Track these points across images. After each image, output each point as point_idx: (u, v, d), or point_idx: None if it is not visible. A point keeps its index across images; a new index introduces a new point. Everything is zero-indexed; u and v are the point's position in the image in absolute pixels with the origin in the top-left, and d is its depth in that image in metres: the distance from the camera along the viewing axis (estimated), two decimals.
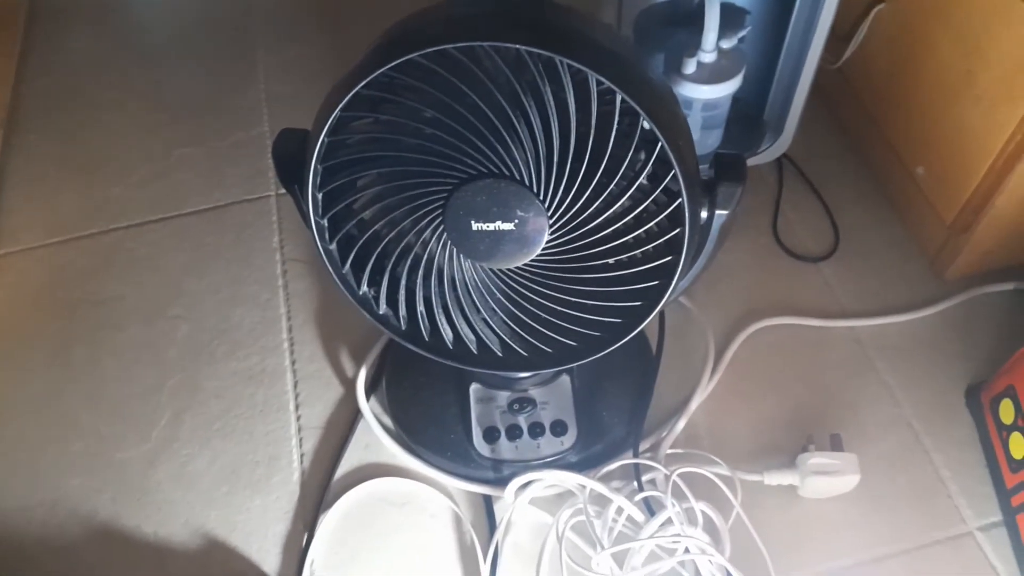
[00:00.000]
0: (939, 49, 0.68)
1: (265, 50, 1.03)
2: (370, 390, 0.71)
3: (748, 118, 0.73)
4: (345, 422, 0.70)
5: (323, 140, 0.44)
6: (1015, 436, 0.61)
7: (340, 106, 0.42)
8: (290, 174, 0.48)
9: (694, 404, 0.69)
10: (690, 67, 0.65)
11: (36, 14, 1.10)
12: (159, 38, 1.08)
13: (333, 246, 0.50)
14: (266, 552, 0.64)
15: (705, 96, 0.66)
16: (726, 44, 0.65)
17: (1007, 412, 0.63)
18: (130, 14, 1.12)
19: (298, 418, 0.71)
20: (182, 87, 1.00)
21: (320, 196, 0.47)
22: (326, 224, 0.49)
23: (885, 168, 0.80)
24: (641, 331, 0.52)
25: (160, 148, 0.93)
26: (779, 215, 0.82)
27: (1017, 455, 0.61)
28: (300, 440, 0.69)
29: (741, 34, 0.65)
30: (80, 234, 0.85)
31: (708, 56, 0.65)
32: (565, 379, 0.66)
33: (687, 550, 0.58)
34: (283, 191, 0.87)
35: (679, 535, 0.58)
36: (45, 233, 0.85)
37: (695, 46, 0.65)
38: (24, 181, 0.91)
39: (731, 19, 0.65)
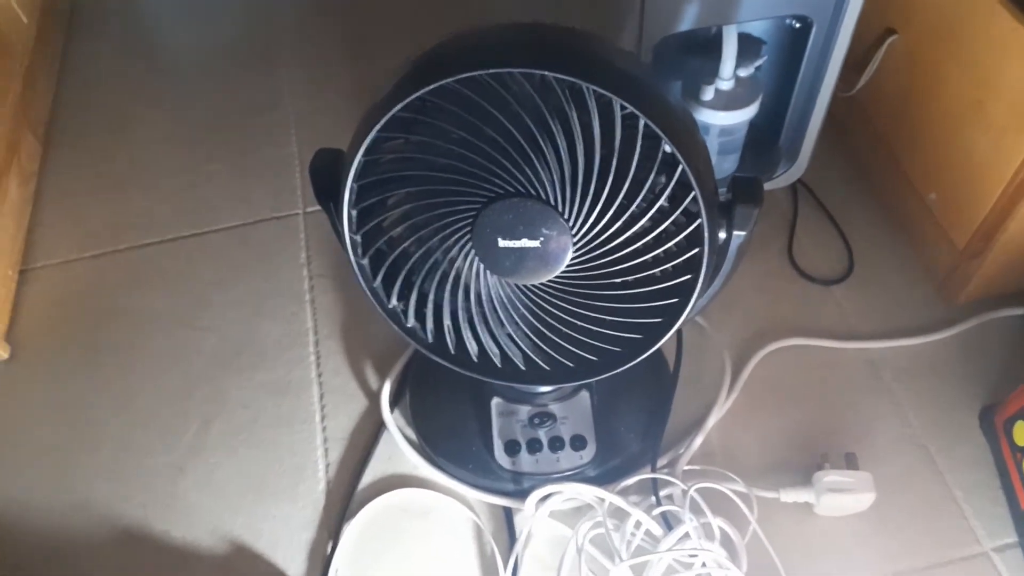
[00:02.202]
0: (950, 79, 0.70)
1: (290, 71, 1.07)
2: (394, 403, 0.73)
3: (764, 144, 0.75)
4: (369, 434, 0.72)
5: (359, 159, 0.47)
6: None
7: (377, 127, 0.45)
8: (326, 191, 0.50)
9: (711, 421, 0.70)
10: (708, 94, 0.67)
11: (73, 33, 1.14)
12: (189, 57, 1.12)
13: (365, 261, 0.52)
14: (291, 559, 0.65)
15: (722, 122, 0.68)
16: (743, 72, 0.67)
17: (1021, 434, 0.63)
18: (162, 35, 1.16)
19: (323, 429, 0.73)
20: (212, 105, 1.03)
21: (354, 213, 0.50)
22: (359, 240, 0.51)
23: (897, 194, 0.82)
24: (659, 349, 0.53)
25: (191, 164, 0.96)
26: (794, 239, 0.84)
27: None
28: (326, 450, 0.71)
29: (758, 63, 0.67)
30: (112, 248, 0.88)
31: (726, 84, 0.67)
32: (584, 395, 0.68)
33: (704, 564, 0.59)
34: (311, 209, 0.90)
35: (697, 549, 0.59)
36: (79, 247, 0.89)
37: (713, 74, 0.67)
38: (59, 196, 0.94)
39: (748, 49, 0.67)
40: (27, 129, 0.94)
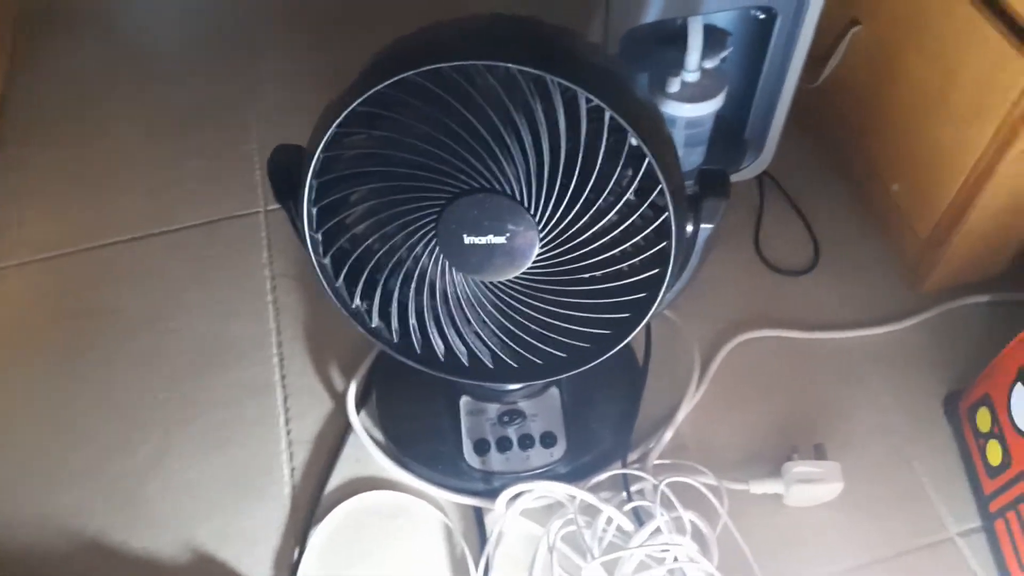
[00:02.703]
0: (913, 69, 0.71)
1: (256, 67, 1.04)
2: (360, 404, 0.71)
3: (730, 136, 0.74)
4: (335, 436, 0.70)
5: (319, 156, 0.45)
6: (992, 444, 0.63)
7: (337, 122, 0.43)
8: (285, 189, 0.49)
9: (681, 415, 0.70)
10: (674, 86, 0.66)
11: (35, 24, 1.10)
12: (153, 54, 1.08)
13: (327, 260, 0.51)
14: (257, 566, 0.64)
15: (688, 114, 0.67)
16: (709, 64, 0.67)
17: (984, 420, 0.64)
18: (129, 26, 1.13)
19: (288, 432, 0.71)
20: (179, 102, 1.00)
21: (315, 211, 0.48)
22: (320, 238, 0.50)
23: (863, 184, 0.83)
24: (628, 343, 0.53)
25: (157, 163, 0.93)
26: (760, 230, 0.84)
27: (994, 462, 0.63)
28: (291, 454, 0.70)
29: (723, 54, 0.67)
30: (80, 247, 0.85)
31: (691, 76, 0.67)
32: (554, 391, 0.67)
33: (676, 559, 0.59)
34: (272, 207, 0.88)
35: (668, 544, 0.59)
36: (44, 247, 0.85)
37: (679, 66, 0.66)
38: (26, 193, 0.91)
39: (714, 40, 0.66)
40: None
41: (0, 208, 0.89)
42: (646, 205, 0.46)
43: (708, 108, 0.67)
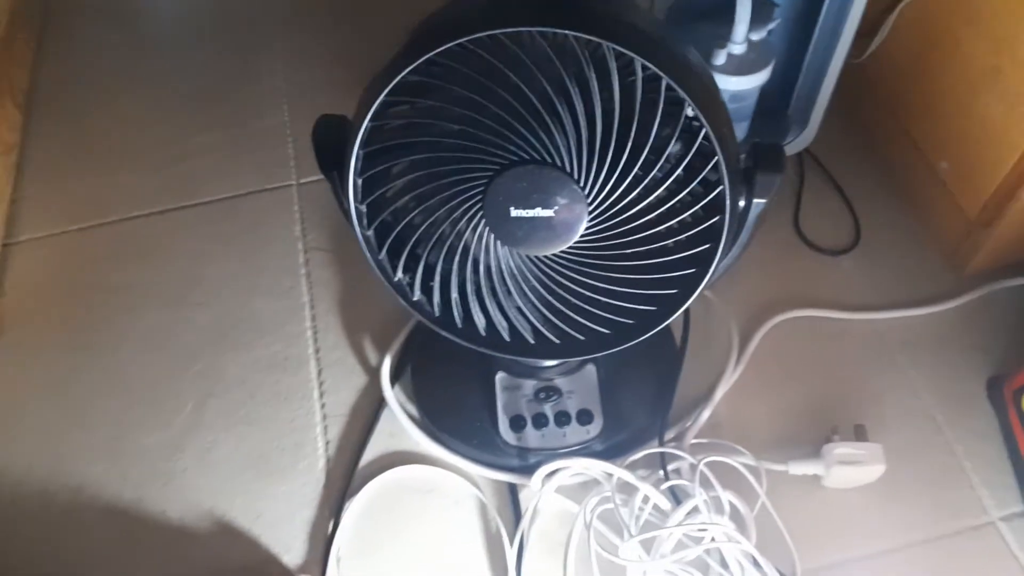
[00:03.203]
0: (964, 45, 0.69)
1: (281, 38, 1.03)
2: (395, 378, 0.71)
3: (773, 111, 0.73)
4: (370, 410, 0.70)
5: (367, 125, 0.44)
6: None
7: (386, 91, 0.42)
8: (330, 160, 0.48)
9: (718, 394, 0.69)
10: (720, 58, 0.65)
11: (52, 3, 1.10)
12: (174, 27, 1.08)
13: (371, 232, 0.50)
14: (292, 539, 0.64)
15: (733, 87, 0.66)
16: (755, 36, 0.66)
17: None
18: (146, 3, 1.12)
19: (323, 406, 0.71)
20: (198, 76, 0.99)
21: (360, 182, 0.48)
22: (364, 210, 0.49)
23: (906, 163, 0.81)
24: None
25: (177, 136, 0.93)
26: (800, 209, 0.82)
27: None
28: (325, 428, 0.70)
29: (770, 26, 0.65)
30: (99, 222, 0.85)
31: (738, 48, 0.65)
32: (591, 368, 0.66)
33: (713, 538, 0.58)
34: (305, 180, 0.87)
35: (706, 523, 0.58)
36: (65, 220, 0.85)
37: (725, 38, 0.65)
38: (42, 168, 0.91)
39: (761, 12, 0.65)
40: (7, 97, 0.91)
41: (17, 181, 0.89)
42: (699, 179, 0.45)
43: (754, 82, 0.65)
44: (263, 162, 0.90)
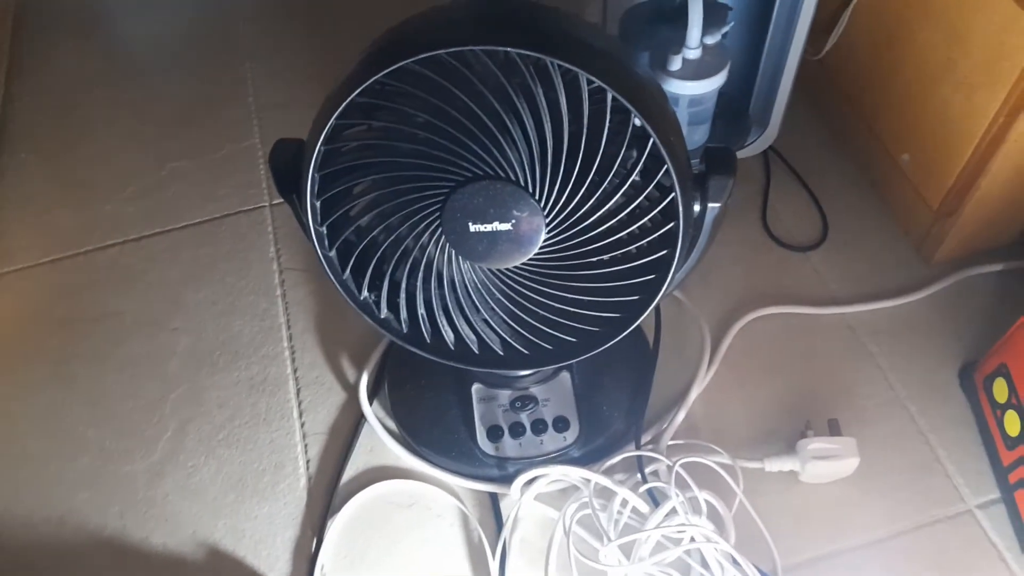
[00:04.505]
0: (919, 37, 0.70)
1: (252, 61, 1.04)
2: (372, 394, 0.71)
3: (734, 113, 0.74)
4: (349, 427, 0.71)
5: (319, 149, 0.45)
6: (1010, 414, 0.63)
7: (335, 115, 0.43)
8: (287, 183, 0.48)
9: (692, 395, 0.70)
10: (675, 64, 0.66)
11: (21, 30, 1.10)
12: (147, 52, 1.09)
13: (332, 253, 0.51)
14: (276, 559, 0.64)
15: (691, 92, 0.66)
16: (710, 40, 0.66)
17: (1001, 391, 0.64)
18: (115, 30, 1.13)
19: (302, 425, 0.71)
20: (172, 101, 1.00)
21: (318, 204, 0.48)
22: (325, 231, 0.50)
23: (870, 156, 0.82)
24: (638, 325, 0.52)
25: (152, 162, 0.93)
26: (768, 207, 0.83)
27: (1012, 432, 0.62)
28: (305, 446, 0.70)
29: (724, 30, 0.66)
30: (76, 251, 0.86)
31: (693, 53, 0.66)
32: (565, 376, 0.67)
33: (692, 539, 0.59)
34: (277, 201, 0.88)
35: (684, 524, 0.59)
36: (41, 252, 0.86)
37: (680, 43, 0.66)
38: (18, 200, 0.91)
39: (714, 15, 0.66)
40: None
41: None
42: (652, 186, 0.45)
43: (711, 85, 0.66)
44: (237, 185, 0.90)
